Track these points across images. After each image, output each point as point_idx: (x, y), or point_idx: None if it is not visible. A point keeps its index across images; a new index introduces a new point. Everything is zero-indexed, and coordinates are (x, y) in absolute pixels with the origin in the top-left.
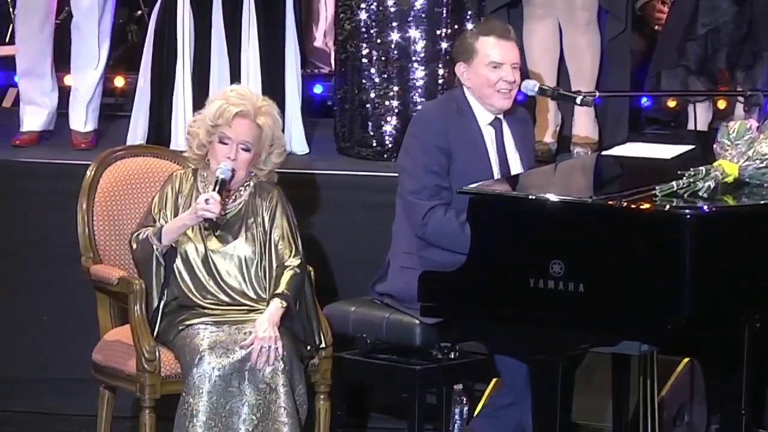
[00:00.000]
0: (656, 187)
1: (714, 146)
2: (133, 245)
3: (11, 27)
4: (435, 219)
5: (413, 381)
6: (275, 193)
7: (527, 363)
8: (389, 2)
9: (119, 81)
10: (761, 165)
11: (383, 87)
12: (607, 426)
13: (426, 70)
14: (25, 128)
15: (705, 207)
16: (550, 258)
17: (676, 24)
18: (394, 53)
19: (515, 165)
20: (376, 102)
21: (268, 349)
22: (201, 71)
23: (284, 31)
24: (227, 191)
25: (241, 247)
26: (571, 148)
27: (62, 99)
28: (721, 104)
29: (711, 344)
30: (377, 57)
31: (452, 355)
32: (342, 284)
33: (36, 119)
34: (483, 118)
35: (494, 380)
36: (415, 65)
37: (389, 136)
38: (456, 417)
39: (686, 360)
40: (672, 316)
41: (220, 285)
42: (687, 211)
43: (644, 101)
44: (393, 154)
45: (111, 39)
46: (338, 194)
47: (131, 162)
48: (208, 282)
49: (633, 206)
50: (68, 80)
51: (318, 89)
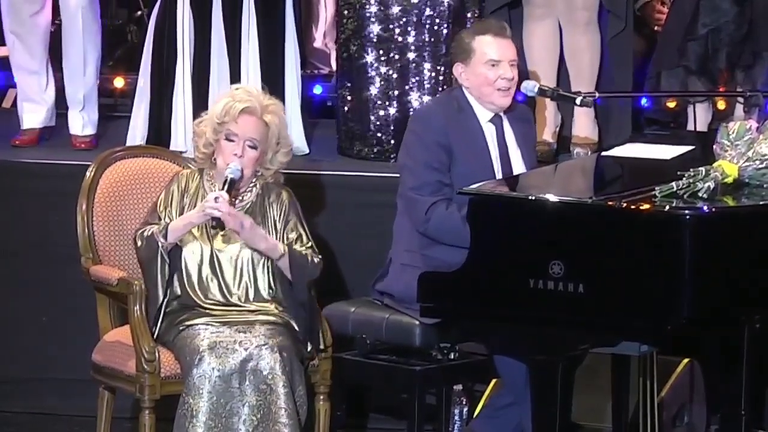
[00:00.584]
0: (656, 188)
1: (714, 147)
2: (138, 242)
3: None
4: (437, 214)
5: (413, 381)
6: (285, 195)
7: (527, 363)
8: (391, 2)
9: (119, 81)
10: (761, 166)
11: (384, 87)
12: (607, 426)
13: (427, 71)
14: (26, 126)
15: (705, 207)
16: (550, 258)
17: (676, 24)
18: (396, 53)
19: (517, 162)
20: (377, 102)
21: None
22: (201, 72)
23: (284, 32)
24: (236, 191)
25: (247, 248)
26: (571, 149)
27: (63, 99)
28: (721, 105)
29: (711, 344)
30: (378, 57)
31: (452, 356)
32: (342, 284)
33: (35, 116)
34: (483, 116)
35: (494, 381)
36: (416, 65)
37: (390, 137)
38: (456, 417)
39: (686, 360)
40: (672, 316)
41: (224, 285)
42: (687, 212)
43: (644, 102)
44: (393, 155)
45: (109, 41)
46: (338, 194)
47: (131, 162)
48: (212, 282)
49: (633, 207)
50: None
51: (318, 90)
